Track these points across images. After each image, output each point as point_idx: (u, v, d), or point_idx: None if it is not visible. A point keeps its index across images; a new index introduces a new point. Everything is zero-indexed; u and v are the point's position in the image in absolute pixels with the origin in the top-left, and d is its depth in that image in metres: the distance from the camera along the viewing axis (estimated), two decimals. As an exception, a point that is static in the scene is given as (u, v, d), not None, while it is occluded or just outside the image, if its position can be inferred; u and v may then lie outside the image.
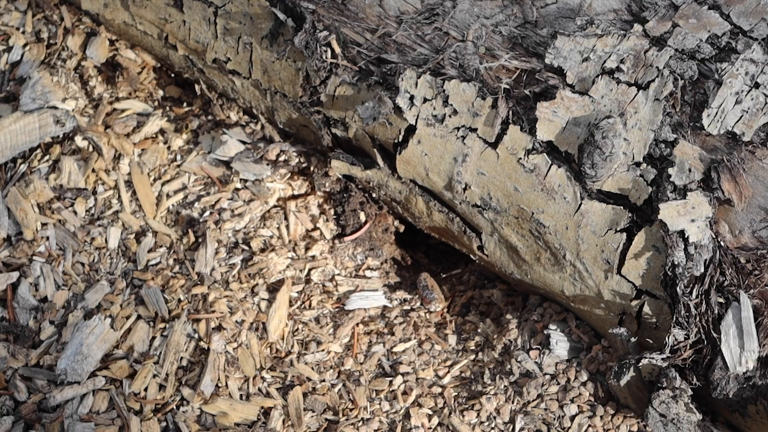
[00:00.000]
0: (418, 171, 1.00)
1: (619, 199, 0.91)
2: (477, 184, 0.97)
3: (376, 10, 1.03)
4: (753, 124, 0.89)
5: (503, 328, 1.03)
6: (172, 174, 1.16)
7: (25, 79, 1.21)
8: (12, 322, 1.05)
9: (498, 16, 1.00)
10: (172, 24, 1.16)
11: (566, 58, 0.93)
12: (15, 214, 1.11)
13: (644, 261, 0.89)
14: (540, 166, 0.93)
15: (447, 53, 0.98)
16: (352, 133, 1.05)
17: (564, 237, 0.93)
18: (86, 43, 1.25)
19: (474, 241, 1.01)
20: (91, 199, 1.14)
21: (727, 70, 0.91)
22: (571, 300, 0.97)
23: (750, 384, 0.85)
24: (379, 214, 1.13)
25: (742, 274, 0.86)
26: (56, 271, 1.08)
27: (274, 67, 1.08)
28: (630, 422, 0.93)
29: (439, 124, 0.97)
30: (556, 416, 0.95)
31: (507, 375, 0.98)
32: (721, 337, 0.85)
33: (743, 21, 0.94)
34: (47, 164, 1.15)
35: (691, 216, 0.86)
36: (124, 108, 1.22)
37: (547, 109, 0.92)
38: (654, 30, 0.94)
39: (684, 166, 0.88)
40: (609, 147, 0.88)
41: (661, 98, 0.90)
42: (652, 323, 0.91)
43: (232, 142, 1.16)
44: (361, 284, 1.10)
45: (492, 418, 0.96)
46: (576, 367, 0.97)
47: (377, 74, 1.00)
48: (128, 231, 1.11)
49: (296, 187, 1.14)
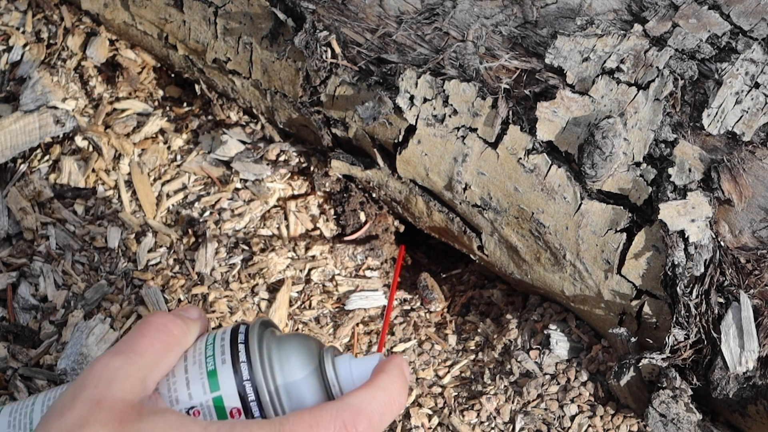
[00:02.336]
0: (418, 171, 1.00)
1: (619, 199, 0.91)
2: (477, 184, 0.97)
3: (376, 10, 1.03)
4: (753, 124, 0.89)
5: (503, 328, 1.03)
6: (172, 174, 1.16)
7: (25, 79, 1.21)
8: (12, 322, 1.05)
9: (498, 16, 1.00)
10: (172, 24, 1.16)
11: (566, 58, 0.93)
12: (15, 214, 1.11)
13: (644, 261, 0.89)
14: (540, 166, 0.93)
15: (447, 53, 0.98)
16: (352, 133, 1.05)
17: (564, 237, 0.93)
18: (86, 43, 1.25)
19: (474, 241, 1.01)
20: (91, 199, 1.14)
21: (727, 70, 0.91)
22: (571, 300, 0.97)
23: (750, 384, 0.85)
24: (379, 214, 1.13)
25: (742, 274, 0.86)
26: (56, 271, 1.08)
27: (274, 67, 1.08)
28: (630, 422, 0.93)
29: (439, 124, 0.97)
30: (556, 416, 0.95)
31: (507, 375, 0.98)
32: (721, 337, 0.85)
33: (743, 21, 0.94)
34: (47, 164, 1.15)
35: (691, 216, 0.86)
36: (124, 108, 1.22)
37: (547, 109, 0.92)
38: (654, 30, 0.94)
39: (684, 166, 0.88)
40: (609, 147, 0.88)
41: (661, 98, 0.90)
42: (652, 323, 0.91)
43: (232, 142, 1.16)
44: (361, 284, 1.10)
45: (492, 418, 0.96)
46: (576, 367, 0.97)
47: (377, 74, 1.00)
48: (128, 231, 1.11)
49: (296, 187, 1.14)
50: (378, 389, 0.74)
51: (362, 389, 0.74)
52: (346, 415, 0.72)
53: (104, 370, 0.73)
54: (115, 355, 0.74)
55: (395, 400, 0.75)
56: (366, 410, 0.73)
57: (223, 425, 0.71)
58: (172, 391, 0.75)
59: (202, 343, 0.77)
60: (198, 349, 0.77)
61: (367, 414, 0.73)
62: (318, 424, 0.72)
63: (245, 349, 0.75)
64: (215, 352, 0.76)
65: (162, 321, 0.76)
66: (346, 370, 0.77)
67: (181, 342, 0.76)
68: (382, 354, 0.79)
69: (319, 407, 0.72)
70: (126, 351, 0.75)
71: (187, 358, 0.76)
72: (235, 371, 0.74)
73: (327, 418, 0.72)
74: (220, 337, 0.77)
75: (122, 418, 0.71)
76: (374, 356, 0.78)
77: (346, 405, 0.73)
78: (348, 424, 0.72)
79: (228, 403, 0.74)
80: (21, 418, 0.79)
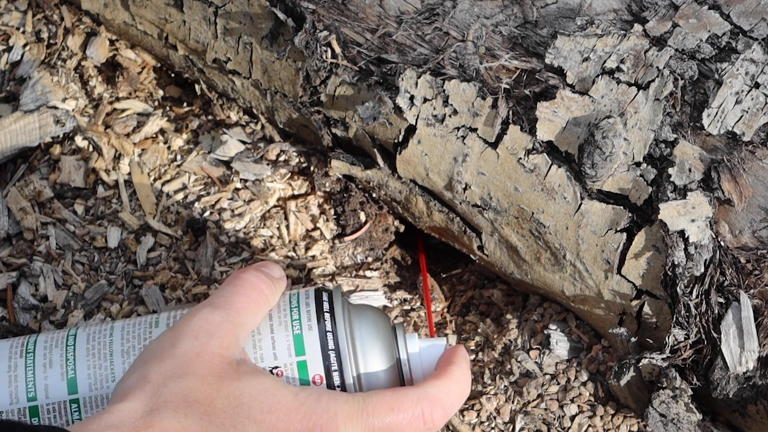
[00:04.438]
0: (418, 171, 1.00)
1: (619, 199, 0.91)
2: (477, 184, 0.97)
3: (376, 10, 1.03)
4: (753, 124, 0.89)
5: (503, 328, 1.03)
6: (172, 174, 1.16)
7: (25, 79, 1.21)
8: (12, 322, 1.05)
9: (498, 16, 1.00)
10: (172, 24, 1.16)
11: (566, 58, 0.93)
12: (15, 214, 1.11)
13: (644, 261, 0.89)
14: (540, 166, 0.93)
15: (447, 53, 0.98)
16: (352, 133, 1.05)
17: (564, 237, 0.93)
18: (86, 43, 1.25)
19: (474, 241, 1.01)
20: (91, 199, 1.14)
21: (727, 70, 0.91)
22: (571, 300, 0.97)
23: (750, 384, 0.85)
24: (379, 214, 1.13)
25: (742, 274, 0.86)
26: (56, 271, 1.08)
27: (274, 67, 1.08)
28: (630, 422, 0.93)
29: (439, 124, 0.97)
30: (556, 416, 0.95)
31: (507, 375, 0.98)
32: (721, 337, 0.85)
33: (743, 21, 0.94)
34: (47, 164, 1.15)
35: (691, 216, 0.86)
36: (124, 108, 1.22)
37: (547, 109, 0.92)
38: (654, 30, 0.94)
39: (684, 166, 0.88)
40: (609, 147, 0.88)
41: (661, 98, 0.90)
42: (652, 323, 0.91)
43: (232, 142, 1.16)
44: (361, 284, 1.10)
45: (492, 418, 0.96)
46: (576, 367, 0.97)
47: (377, 74, 1.00)
48: (128, 231, 1.11)
49: (296, 187, 1.14)
50: (453, 382, 0.78)
51: (439, 379, 0.78)
52: (425, 403, 0.75)
53: (204, 323, 0.74)
54: (214, 309, 0.75)
55: (464, 392, 0.79)
56: (442, 401, 0.76)
57: (311, 393, 0.73)
58: (257, 349, 0.77)
59: (286, 305, 0.79)
60: (283, 310, 0.79)
61: (443, 404, 0.76)
62: (399, 408, 0.75)
63: (331, 319, 0.78)
64: (301, 317, 0.78)
65: (254, 280, 0.78)
66: (415, 350, 0.81)
67: (269, 302, 0.79)
68: (445, 340, 0.82)
69: (401, 392, 0.76)
70: (224, 306, 0.76)
71: (272, 317, 0.78)
72: (322, 339, 0.77)
73: (408, 404, 0.75)
74: (305, 302, 0.79)
75: (221, 374, 0.72)
76: (439, 341, 0.82)
77: (425, 393, 0.76)
78: (426, 412, 0.75)
79: (312, 370, 0.76)
80: (100, 348, 0.79)
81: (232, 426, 0.69)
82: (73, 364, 0.78)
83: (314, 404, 0.72)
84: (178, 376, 0.70)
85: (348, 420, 0.73)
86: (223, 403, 0.70)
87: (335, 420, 0.72)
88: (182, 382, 0.70)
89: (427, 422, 0.76)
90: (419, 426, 0.76)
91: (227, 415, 0.70)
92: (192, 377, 0.71)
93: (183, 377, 0.70)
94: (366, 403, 0.74)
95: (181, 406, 0.68)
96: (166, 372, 0.71)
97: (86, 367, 0.78)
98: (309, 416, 0.72)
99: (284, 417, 0.71)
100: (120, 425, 0.66)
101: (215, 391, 0.70)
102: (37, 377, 0.77)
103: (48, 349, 0.79)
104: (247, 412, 0.70)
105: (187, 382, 0.70)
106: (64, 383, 0.77)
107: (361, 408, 0.74)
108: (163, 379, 0.70)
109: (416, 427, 0.75)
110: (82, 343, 0.79)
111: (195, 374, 0.71)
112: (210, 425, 0.69)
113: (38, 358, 0.78)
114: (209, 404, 0.70)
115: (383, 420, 0.74)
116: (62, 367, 0.78)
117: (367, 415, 0.73)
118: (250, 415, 0.70)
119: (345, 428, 0.73)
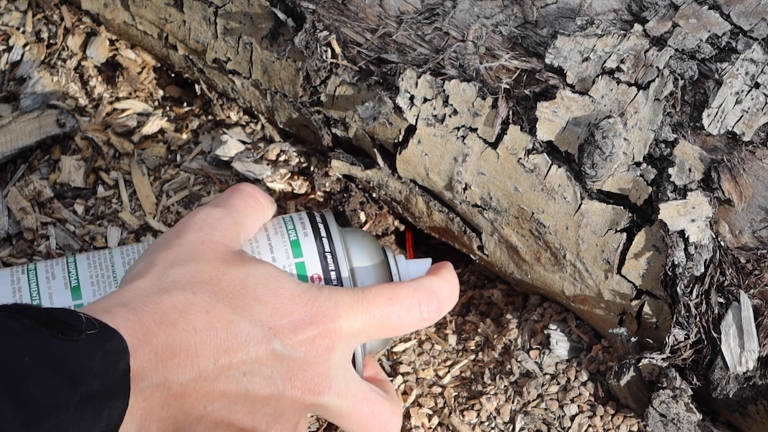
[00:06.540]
0: (418, 171, 1.00)
1: (619, 199, 0.91)
2: (477, 184, 0.97)
3: (376, 10, 1.03)
4: (753, 124, 0.89)
5: (503, 328, 1.03)
6: (172, 174, 1.16)
7: (25, 79, 1.21)
8: (12, 322, 1.05)
9: (498, 16, 1.00)
10: (172, 24, 1.16)
11: (566, 58, 0.93)
12: (15, 214, 1.11)
13: (644, 261, 0.89)
14: (540, 166, 0.93)
15: (447, 53, 0.98)
16: (352, 133, 1.05)
17: (564, 237, 0.93)
18: (86, 43, 1.25)
19: (474, 241, 1.01)
20: (91, 199, 1.14)
21: (727, 70, 0.91)
22: (571, 300, 0.97)
23: (750, 384, 0.85)
24: (379, 214, 1.13)
25: (742, 274, 0.86)
26: (56, 271, 1.08)
27: (274, 67, 1.08)
28: (630, 422, 0.93)
29: (439, 124, 0.97)
30: (556, 416, 0.95)
31: (507, 375, 0.98)
32: (721, 337, 0.85)
33: (743, 21, 0.94)
34: (47, 164, 1.15)
35: (691, 216, 0.86)
36: (124, 108, 1.22)
37: (547, 109, 0.92)
38: (654, 30, 0.94)
39: (684, 166, 0.88)
40: (609, 147, 0.88)
41: (661, 98, 0.90)
42: (652, 323, 0.91)
43: (232, 142, 1.16)
44: (361, 284, 1.10)
45: (492, 418, 0.96)
46: (576, 367, 0.97)
47: (377, 74, 1.00)
48: (128, 231, 1.11)
49: (296, 187, 1.14)
50: (444, 281, 0.83)
51: (431, 276, 0.83)
52: (421, 294, 0.80)
53: (207, 217, 0.79)
54: (215, 207, 0.80)
55: (455, 293, 0.84)
56: (437, 293, 0.81)
57: (312, 285, 0.78)
58: (255, 254, 0.81)
59: (280, 220, 0.85)
60: (277, 223, 0.85)
61: (438, 297, 0.81)
62: (397, 298, 0.79)
63: (325, 229, 0.84)
64: (296, 227, 0.84)
65: (251, 190, 0.83)
66: (404, 264, 0.87)
67: (265, 212, 0.84)
68: (430, 260, 0.89)
69: (398, 284, 0.81)
70: (225, 205, 0.81)
71: (267, 229, 0.84)
72: (318, 242, 0.83)
73: (405, 294, 0.80)
74: (298, 217, 0.85)
75: (226, 259, 0.76)
76: (425, 260, 0.89)
77: (421, 285, 0.81)
78: (422, 302, 0.80)
79: (310, 269, 0.81)
80: (101, 261, 0.83)
81: (238, 306, 0.72)
82: (75, 275, 0.81)
83: (317, 293, 0.76)
84: (185, 261, 0.74)
85: (349, 308, 0.76)
86: (229, 285, 0.73)
87: (337, 307, 0.76)
88: (189, 265, 0.73)
89: (423, 312, 0.80)
90: (416, 316, 0.80)
91: (234, 296, 0.72)
92: (198, 261, 0.74)
93: (189, 261, 0.74)
94: (365, 294, 0.78)
95: (188, 285, 0.71)
96: (172, 258, 0.74)
97: (89, 276, 0.81)
98: (312, 303, 0.75)
99: (288, 302, 0.74)
100: (130, 302, 0.69)
101: (221, 274, 0.73)
102: (41, 287, 0.80)
103: (49, 266, 0.82)
104: (252, 293, 0.73)
105: (194, 265, 0.73)
106: (67, 291, 0.80)
107: (361, 298, 0.77)
108: (170, 263, 0.73)
109: (413, 317, 0.80)
110: (82, 260, 0.83)
111: (201, 259, 0.74)
112: (218, 303, 0.71)
113: (40, 272, 0.82)
114: (216, 284, 0.72)
115: (382, 309, 0.78)
116: (65, 278, 0.81)
117: (368, 304, 0.77)
118: (256, 296, 0.73)
119: (347, 315, 0.76)
